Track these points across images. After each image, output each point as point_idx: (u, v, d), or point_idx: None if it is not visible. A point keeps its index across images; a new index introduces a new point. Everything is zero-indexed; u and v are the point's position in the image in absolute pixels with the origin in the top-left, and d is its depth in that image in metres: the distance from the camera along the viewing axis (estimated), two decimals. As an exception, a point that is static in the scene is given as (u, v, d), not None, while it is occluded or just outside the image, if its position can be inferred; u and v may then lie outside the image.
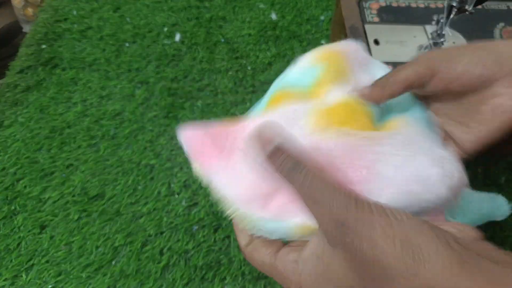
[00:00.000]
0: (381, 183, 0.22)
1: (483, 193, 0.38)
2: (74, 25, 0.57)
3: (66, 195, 0.40)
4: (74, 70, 0.51)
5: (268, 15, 0.58)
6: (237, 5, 0.60)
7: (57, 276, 0.35)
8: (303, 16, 0.58)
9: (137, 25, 0.57)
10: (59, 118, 0.46)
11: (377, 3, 0.47)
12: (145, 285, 0.35)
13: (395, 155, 0.23)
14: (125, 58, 0.53)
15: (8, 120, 0.46)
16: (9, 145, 0.44)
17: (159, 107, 0.47)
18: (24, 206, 0.40)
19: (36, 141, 0.44)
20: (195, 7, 0.59)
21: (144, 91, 0.49)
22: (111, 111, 0.47)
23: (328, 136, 0.25)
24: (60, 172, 0.42)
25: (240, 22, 0.57)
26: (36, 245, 0.37)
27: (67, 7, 0.59)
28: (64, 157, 0.43)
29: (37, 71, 0.51)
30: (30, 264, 0.36)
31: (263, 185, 0.24)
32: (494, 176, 0.42)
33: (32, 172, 0.42)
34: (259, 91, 0.49)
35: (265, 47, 0.54)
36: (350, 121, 0.26)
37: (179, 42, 0.55)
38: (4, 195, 0.40)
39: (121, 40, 0.55)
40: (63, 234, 0.38)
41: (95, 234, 0.38)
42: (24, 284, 0.35)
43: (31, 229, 0.38)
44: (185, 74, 0.51)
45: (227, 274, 0.35)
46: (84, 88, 0.50)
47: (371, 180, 0.22)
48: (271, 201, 0.24)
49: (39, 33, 0.56)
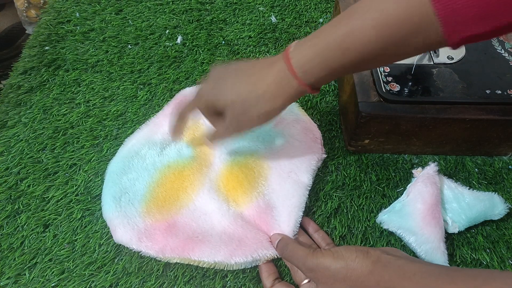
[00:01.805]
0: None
1: (480, 192, 0.39)
2: (77, 27, 0.57)
3: (69, 194, 0.41)
4: (77, 71, 0.52)
5: (268, 18, 0.59)
6: (238, 8, 0.60)
7: (60, 274, 0.36)
8: (302, 18, 0.59)
9: (139, 27, 0.57)
10: (62, 119, 0.47)
11: (376, 6, 0.48)
12: (147, 282, 0.35)
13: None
14: (127, 60, 0.53)
15: (11, 120, 0.47)
16: (12, 145, 0.45)
17: (161, 108, 0.48)
18: (28, 205, 0.40)
19: (40, 141, 0.45)
20: (196, 10, 0.60)
21: (147, 92, 0.50)
22: (114, 112, 0.48)
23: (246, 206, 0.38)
24: (63, 172, 0.42)
25: (240, 24, 0.58)
26: (39, 243, 0.38)
27: (69, 9, 0.60)
28: (67, 157, 0.44)
29: (40, 72, 0.52)
30: (33, 262, 0.37)
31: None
32: (491, 175, 0.42)
33: (35, 172, 0.42)
34: (259, 92, 0.50)
35: (265, 49, 0.55)
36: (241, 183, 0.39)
37: (180, 44, 0.55)
38: (8, 194, 0.41)
39: (123, 42, 0.55)
40: (66, 233, 0.38)
41: (97, 233, 0.38)
42: (27, 282, 0.35)
43: (34, 228, 0.39)
44: (186, 76, 0.52)
45: (228, 271, 0.36)
46: (87, 89, 0.50)
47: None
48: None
49: (42, 34, 0.56)
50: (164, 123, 0.43)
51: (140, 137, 0.43)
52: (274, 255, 0.35)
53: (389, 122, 0.39)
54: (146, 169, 0.40)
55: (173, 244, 0.35)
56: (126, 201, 0.37)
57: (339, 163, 0.43)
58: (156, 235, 0.35)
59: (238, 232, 0.36)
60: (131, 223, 0.36)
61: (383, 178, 0.42)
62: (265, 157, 0.40)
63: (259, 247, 0.34)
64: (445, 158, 0.44)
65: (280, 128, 0.43)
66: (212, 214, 0.37)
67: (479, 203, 0.37)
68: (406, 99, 0.39)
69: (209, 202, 0.38)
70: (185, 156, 0.41)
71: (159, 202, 0.38)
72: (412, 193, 0.38)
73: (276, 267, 0.36)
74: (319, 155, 0.41)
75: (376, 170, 0.43)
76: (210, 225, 0.36)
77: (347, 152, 0.44)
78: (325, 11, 0.60)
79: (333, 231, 0.38)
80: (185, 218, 0.37)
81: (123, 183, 0.39)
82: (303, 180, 0.39)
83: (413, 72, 0.41)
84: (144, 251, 0.35)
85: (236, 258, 0.34)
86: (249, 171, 0.39)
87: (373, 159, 0.44)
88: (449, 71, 0.41)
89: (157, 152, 0.41)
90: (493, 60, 0.43)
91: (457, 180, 0.40)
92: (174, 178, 0.39)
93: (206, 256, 0.34)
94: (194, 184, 0.39)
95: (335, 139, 0.45)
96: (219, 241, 0.35)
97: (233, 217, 0.37)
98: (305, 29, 0.57)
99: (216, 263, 0.34)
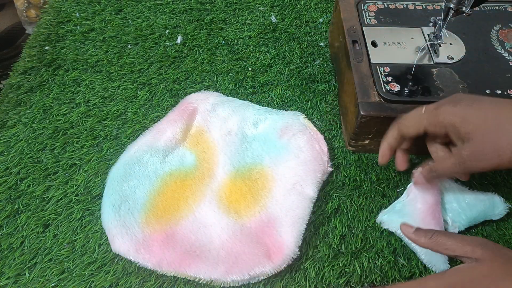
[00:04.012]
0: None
1: (480, 192, 0.39)
2: (77, 26, 0.57)
3: (69, 194, 0.41)
4: (77, 71, 0.52)
5: (268, 18, 0.59)
6: (238, 8, 0.60)
7: (60, 274, 0.36)
8: (302, 18, 0.59)
9: (139, 27, 0.57)
10: (62, 119, 0.47)
11: (375, 6, 0.48)
12: (147, 282, 0.35)
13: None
14: (127, 60, 0.53)
15: (11, 120, 0.47)
16: (12, 145, 0.45)
17: (161, 108, 0.48)
18: (28, 205, 0.40)
19: (40, 141, 0.45)
20: (196, 10, 0.60)
21: (146, 92, 0.50)
22: (114, 112, 0.48)
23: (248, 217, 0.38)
24: (63, 172, 0.42)
25: (240, 24, 0.58)
26: (39, 243, 0.38)
27: (69, 9, 0.60)
28: (67, 157, 0.44)
29: (40, 72, 0.52)
30: (33, 262, 0.37)
31: None
32: (491, 176, 0.42)
33: (35, 172, 0.42)
34: (259, 92, 0.50)
35: (265, 49, 0.55)
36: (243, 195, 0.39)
37: (180, 44, 0.55)
38: (8, 194, 0.41)
39: (123, 42, 0.55)
40: (66, 233, 0.38)
41: (97, 233, 0.38)
42: (27, 282, 0.35)
43: (34, 228, 0.39)
44: (186, 76, 0.52)
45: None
46: (87, 89, 0.50)
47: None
48: None
49: (42, 34, 0.56)
50: (168, 129, 0.43)
51: (142, 143, 0.42)
52: (272, 272, 0.34)
53: (390, 122, 0.39)
54: (148, 177, 0.39)
55: (170, 258, 0.34)
56: (125, 210, 0.37)
57: (339, 163, 0.43)
58: (153, 247, 0.35)
59: (236, 247, 0.35)
60: (130, 233, 0.36)
61: (383, 178, 0.42)
62: (270, 168, 0.40)
63: (256, 264, 0.34)
64: (445, 158, 0.44)
65: (285, 139, 0.42)
66: (211, 227, 0.37)
67: (479, 203, 0.37)
68: (406, 99, 0.39)
69: (209, 214, 0.37)
70: (188, 164, 0.40)
71: (159, 211, 0.37)
72: (412, 193, 0.38)
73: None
74: (325, 168, 0.40)
75: (376, 170, 0.43)
76: (208, 238, 0.36)
77: (347, 152, 0.44)
78: (325, 11, 0.60)
79: (333, 231, 0.38)
80: (184, 230, 0.37)
81: (123, 190, 0.38)
82: (308, 192, 0.38)
83: (413, 72, 0.41)
84: (141, 263, 0.35)
85: (233, 276, 0.33)
86: (252, 184, 0.39)
87: (373, 159, 0.43)
88: (449, 71, 0.41)
89: (159, 159, 0.41)
90: (493, 60, 0.42)
91: (457, 180, 0.40)
92: (175, 187, 0.39)
93: (202, 273, 0.34)
94: (195, 194, 0.39)
95: (335, 139, 0.45)
96: (216, 257, 0.35)
97: (232, 230, 0.36)
98: (305, 29, 0.57)
99: (212, 281, 0.34)
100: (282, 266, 0.34)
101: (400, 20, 0.46)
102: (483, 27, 0.46)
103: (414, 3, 0.48)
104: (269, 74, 0.52)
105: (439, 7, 0.48)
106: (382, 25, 0.46)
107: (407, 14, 0.47)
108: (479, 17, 0.47)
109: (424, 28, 0.45)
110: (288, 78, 0.51)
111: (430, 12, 0.47)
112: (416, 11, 0.47)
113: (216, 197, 0.38)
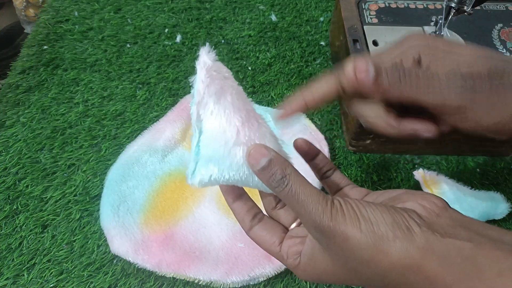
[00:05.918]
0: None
1: (482, 192, 0.38)
2: (76, 26, 0.57)
3: (67, 195, 0.40)
4: (76, 71, 0.52)
5: (268, 16, 0.58)
6: (237, 7, 0.60)
7: (59, 275, 0.36)
8: (302, 17, 0.59)
9: (138, 26, 0.57)
10: (61, 118, 0.47)
11: (376, 5, 0.48)
12: (146, 283, 0.35)
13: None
14: (126, 59, 0.53)
15: (9, 120, 0.47)
16: (11, 145, 0.44)
17: (160, 107, 0.48)
18: (26, 206, 0.40)
19: (38, 141, 0.45)
20: (195, 8, 0.60)
21: (145, 91, 0.49)
22: (113, 111, 0.47)
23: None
24: (61, 172, 0.42)
25: (240, 23, 0.58)
26: (37, 244, 0.37)
27: (68, 8, 0.59)
28: (65, 157, 0.43)
29: (39, 71, 0.52)
30: (31, 263, 0.36)
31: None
32: (492, 175, 0.42)
33: (33, 172, 0.42)
34: (259, 91, 0.50)
35: (265, 48, 0.54)
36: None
37: (179, 43, 0.55)
38: (6, 195, 0.40)
39: (122, 41, 0.55)
40: (65, 233, 0.38)
41: (96, 234, 0.38)
42: (26, 283, 0.35)
43: (32, 228, 0.38)
44: (185, 75, 0.51)
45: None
46: (85, 88, 0.50)
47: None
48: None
49: (40, 33, 0.56)
50: (167, 129, 0.43)
51: (141, 143, 0.42)
52: (272, 273, 0.34)
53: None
54: (147, 177, 0.39)
55: (169, 259, 0.34)
56: (124, 211, 0.37)
57: (340, 163, 0.43)
58: (153, 248, 0.35)
59: (235, 248, 0.35)
60: (129, 234, 0.35)
61: (385, 179, 0.42)
62: None
63: (255, 265, 0.34)
64: (446, 158, 0.43)
65: (286, 138, 0.41)
66: (211, 228, 0.36)
67: (482, 204, 0.37)
68: (407, 99, 0.39)
69: (209, 214, 0.37)
70: (187, 164, 0.40)
71: (158, 212, 0.37)
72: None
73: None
74: None
75: (378, 170, 0.42)
76: (208, 239, 0.36)
77: (348, 152, 0.44)
78: (325, 9, 0.60)
79: (334, 232, 0.38)
80: (183, 231, 0.36)
81: (122, 191, 0.38)
82: None
83: (414, 71, 0.41)
84: (140, 264, 0.34)
85: (233, 277, 0.33)
86: None
87: (374, 159, 0.43)
88: (450, 70, 0.41)
89: (158, 159, 0.40)
90: (495, 59, 0.42)
91: (459, 181, 0.40)
92: (174, 187, 0.39)
93: (202, 274, 0.33)
94: (195, 194, 0.38)
95: (336, 139, 0.45)
96: (216, 258, 0.34)
97: (232, 231, 0.36)
98: (305, 28, 0.57)
99: (212, 282, 0.33)
100: (283, 267, 0.34)
101: (401, 19, 0.46)
102: (484, 27, 0.46)
103: (415, 2, 0.48)
104: (269, 73, 0.51)
105: (441, 6, 0.47)
106: (383, 24, 0.45)
107: (408, 13, 0.47)
108: (481, 17, 0.47)
109: (425, 27, 0.45)
110: (289, 78, 0.51)
111: (431, 11, 0.47)
112: (417, 10, 0.47)
113: (216, 198, 0.38)
